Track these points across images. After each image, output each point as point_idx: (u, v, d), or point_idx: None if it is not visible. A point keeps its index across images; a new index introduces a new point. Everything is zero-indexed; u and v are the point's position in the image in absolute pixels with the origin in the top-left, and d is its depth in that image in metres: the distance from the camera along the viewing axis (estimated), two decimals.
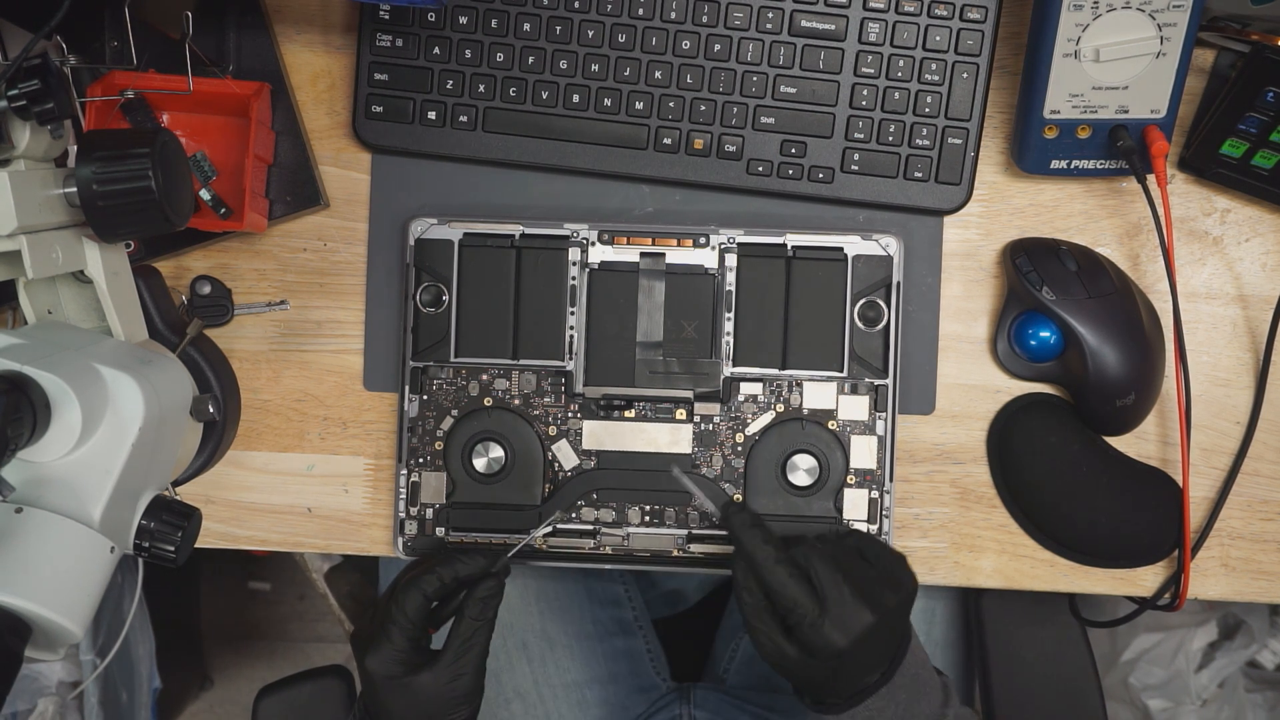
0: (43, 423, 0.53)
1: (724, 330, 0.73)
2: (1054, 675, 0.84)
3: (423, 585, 0.65)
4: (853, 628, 0.60)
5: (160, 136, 0.58)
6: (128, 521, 0.58)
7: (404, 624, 0.65)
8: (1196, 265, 0.75)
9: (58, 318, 0.64)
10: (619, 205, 0.75)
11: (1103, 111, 0.68)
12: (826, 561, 0.62)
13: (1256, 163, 0.71)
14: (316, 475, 0.77)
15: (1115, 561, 0.75)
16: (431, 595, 0.66)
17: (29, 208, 0.56)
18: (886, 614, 0.62)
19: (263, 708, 0.83)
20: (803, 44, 0.72)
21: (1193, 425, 0.74)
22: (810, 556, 0.62)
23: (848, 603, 0.61)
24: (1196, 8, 0.64)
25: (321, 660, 1.28)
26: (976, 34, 0.71)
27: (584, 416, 0.74)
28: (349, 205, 0.76)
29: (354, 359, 0.77)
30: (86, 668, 1.17)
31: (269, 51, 0.74)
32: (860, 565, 0.64)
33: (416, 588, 0.65)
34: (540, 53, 0.72)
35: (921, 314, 0.75)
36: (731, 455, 0.74)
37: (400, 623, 0.65)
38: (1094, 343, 0.70)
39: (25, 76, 0.55)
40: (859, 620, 0.61)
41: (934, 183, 0.73)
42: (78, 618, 0.53)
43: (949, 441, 0.76)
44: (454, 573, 0.66)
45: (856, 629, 0.60)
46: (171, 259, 0.76)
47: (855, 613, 0.61)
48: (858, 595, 0.61)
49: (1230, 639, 1.24)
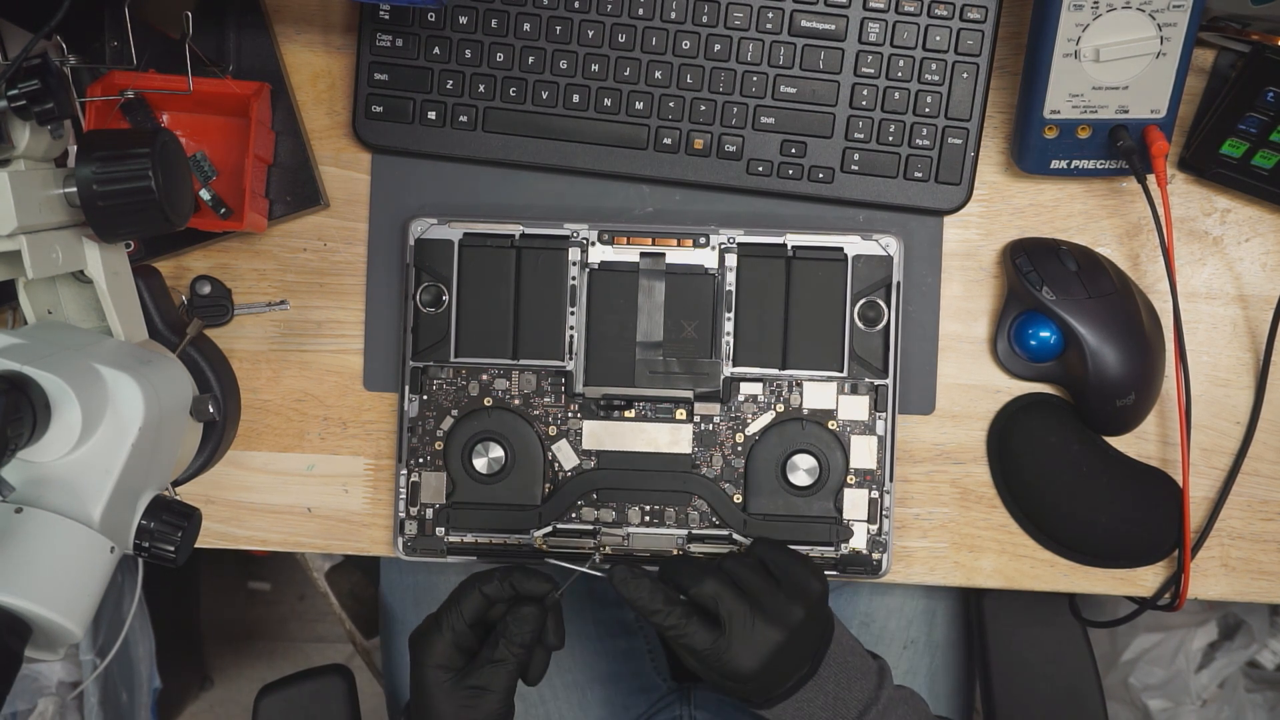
0: (43, 423, 0.53)
1: (724, 330, 0.73)
2: (1054, 675, 0.84)
3: (482, 582, 0.66)
4: (762, 649, 0.63)
5: (160, 136, 0.58)
6: (128, 521, 0.58)
7: (455, 615, 0.65)
8: (1196, 265, 0.75)
9: (58, 318, 0.64)
10: (619, 205, 0.75)
11: (1103, 111, 0.68)
12: (726, 592, 0.64)
13: (1256, 163, 0.71)
14: (316, 475, 0.77)
15: (1115, 561, 0.75)
16: (490, 595, 0.66)
17: (29, 208, 0.56)
18: (797, 627, 0.64)
19: (263, 707, 0.83)
20: (803, 44, 0.72)
21: (1193, 425, 0.74)
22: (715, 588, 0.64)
23: (754, 628, 0.63)
24: (1196, 8, 0.64)
25: (321, 660, 1.28)
26: (976, 34, 0.71)
27: (584, 416, 0.74)
28: (349, 205, 0.76)
29: (354, 359, 0.77)
30: (86, 668, 1.17)
31: (269, 51, 0.74)
32: (765, 584, 0.65)
33: (475, 584, 0.66)
34: (540, 53, 0.72)
35: (921, 314, 0.75)
36: (731, 455, 0.74)
37: (452, 612, 0.65)
38: (1094, 343, 0.70)
39: (25, 76, 0.55)
40: (768, 641, 0.63)
41: (934, 183, 0.73)
42: (78, 618, 0.52)
43: (949, 441, 0.76)
44: (513, 582, 0.66)
45: (767, 650, 0.63)
46: (171, 259, 0.76)
47: (763, 635, 0.63)
48: (764, 618, 0.63)
49: (1230, 639, 1.24)
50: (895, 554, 0.76)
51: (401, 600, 0.88)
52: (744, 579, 0.65)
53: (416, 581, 0.87)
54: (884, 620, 0.86)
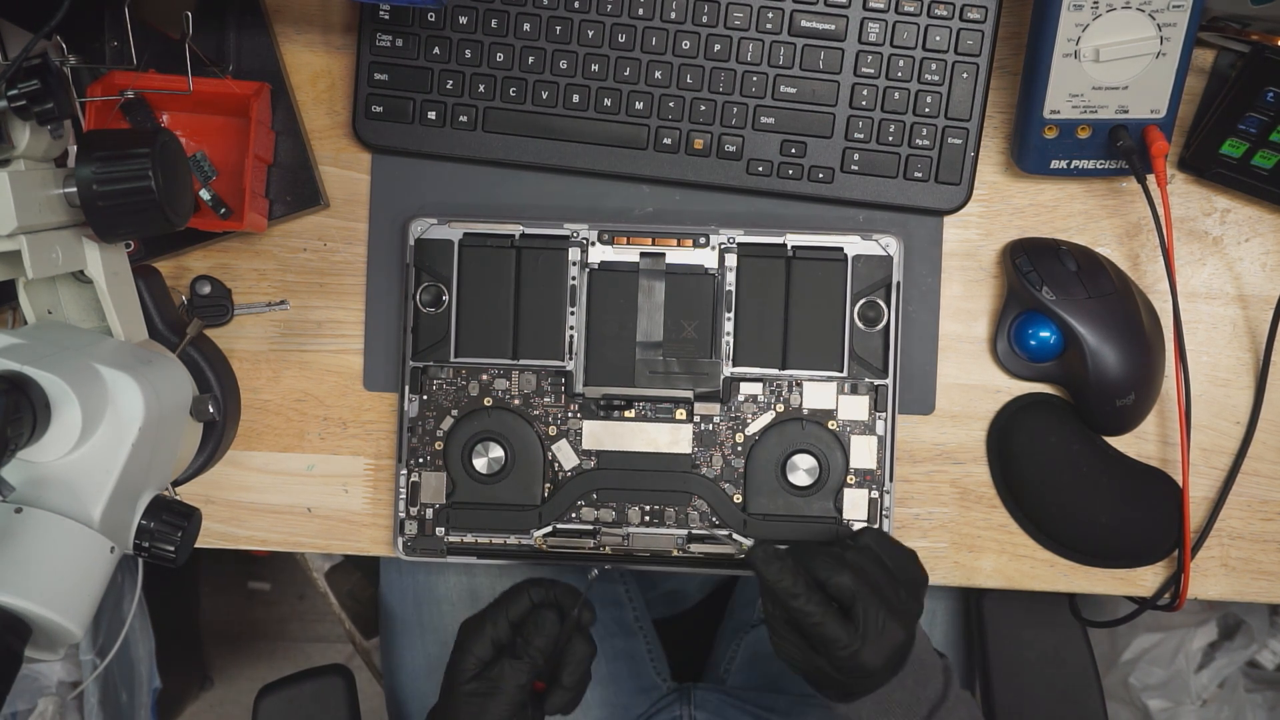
0: (43, 423, 0.53)
1: (724, 330, 0.73)
2: (1054, 675, 0.84)
3: (531, 586, 0.68)
4: (888, 647, 0.62)
5: (160, 136, 0.58)
6: (128, 521, 0.58)
7: (500, 612, 0.67)
8: (1196, 265, 0.75)
9: (58, 318, 0.64)
10: (619, 205, 0.75)
11: (1103, 111, 0.68)
12: (864, 589, 0.63)
13: (1256, 163, 0.71)
14: (316, 475, 0.77)
15: (1115, 561, 0.75)
16: (534, 600, 0.68)
17: (29, 208, 0.56)
18: (915, 624, 0.64)
19: (263, 707, 0.83)
20: (803, 44, 0.72)
21: (1193, 425, 0.74)
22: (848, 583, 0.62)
23: (885, 629, 0.62)
24: (1196, 8, 0.64)
25: (321, 660, 1.27)
26: (976, 34, 0.71)
27: (584, 416, 0.74)
28: (349, 205, 0.76)
29: (354, 359, 0.77)
30: (86, 668, 1.17)
31: (269, 51, 0.74)
32: (885, 578, 0.64)
33: (525, 587, 0.68)
34: (540, 53, 0.72)
35: (921, 314, 0.75)
36: (731, 455, 0.74)
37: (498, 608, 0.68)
38: (1094, 343, 0.70)
39: (25, 76, 0.55)
40: (894, 639, 0.62)
41: (934, 183, 0.73)
42: (78, 618, 0.53)
43: (949, 441, 0.76)
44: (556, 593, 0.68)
45: (892, 648, 0.62)
46: (171, 259, 0.76)
47: (890, 635, 0.62)
48: (892, 617, 0.62)
49: (1230, 639, 1.24)
50: None
51: (401, 600, 0.88)
52: (870, 573, 0.64)
53: (416, 581, 0.87)
54: None
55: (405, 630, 0.88)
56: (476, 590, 0.85)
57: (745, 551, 0.66)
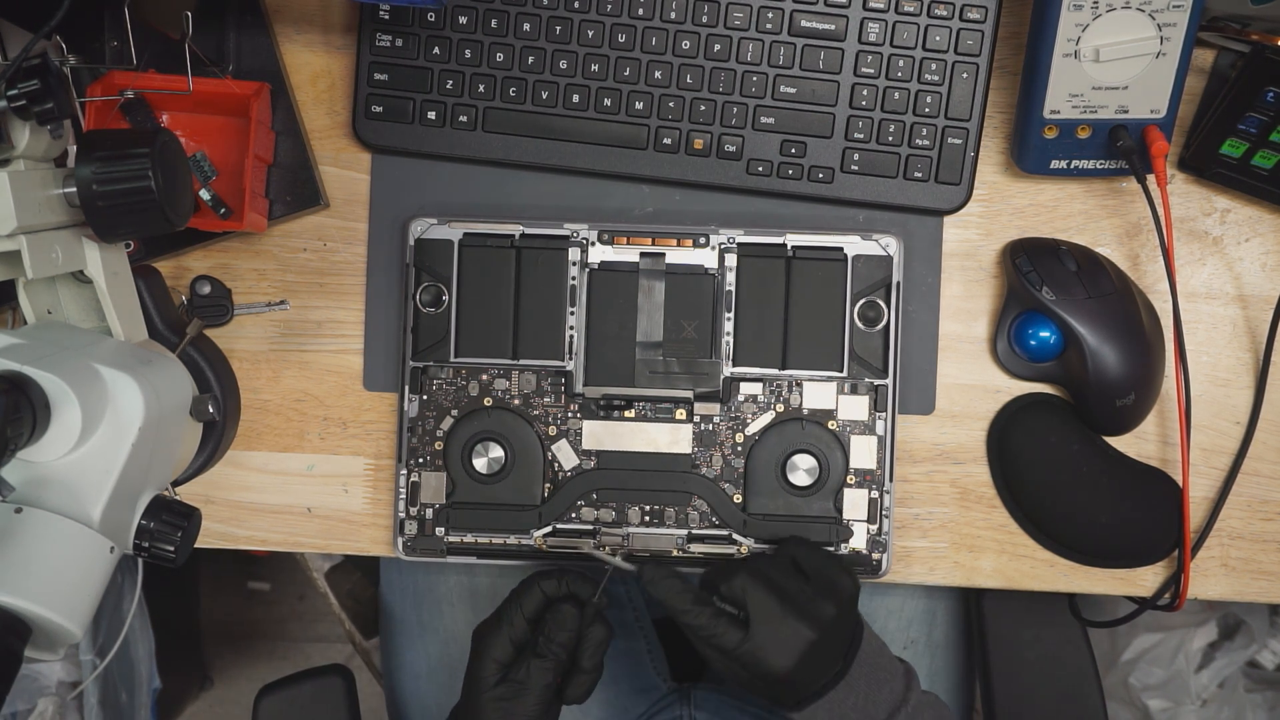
0: (43, 423, 0.53)
1: (724, 330, 0.73)
2: (1054, 675, 0.84)
3: (541, 579, 0.68)
4: (794, 647, 0.63)
5: (160, 136, 0.58)
6: (128, 521, 0.58)
7: (515, 610, 0.67)
8: (1196, 265, 0.75)
9: (58, 318, 0.64)
10: (619, 205, 0.75)
11: (1102, 111, 0.68)
12: (757, 589, 0.64)
13: (1256, 163, 0.71)
14: (316, 475, 0.77)
15: (1115, 561, 0.75)
16: (548, 593, 0.68)
17: (29, 208, 0.56)
18: (829, 624, 0.64)
19: (263, 707, 0.83)
20: (803, 44, 0.72)
21: (1193, 425, 0.74)
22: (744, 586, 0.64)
23: (783, 624, 0.63)
24: (1196, 8, 0.64)
25: (321, 660, 1.28)
26: (976, 34, 0.71)
27: (584, 416, 0.74)
28: (349, 205, 0.76)
29: (354, 359, 0.77)
30: (86, 668, 1.17)
31: (269, 51, 0.74)
32: (795, 581, 0.65)
33: (536, 581, 0.68)
34: (540, 53, 0.72)
35: (921, 314, 0.75)
36: (731, 455, 0.74)
37: (512, 607, 0.67)
38: (1094, 343, 0.70)
39: (25, 76, 0.55)
40: (800, 638, 0.63)
41: (934, 183, 0.73)
42: (78, 618, 0.52)
43: (949, 441, 0.76)
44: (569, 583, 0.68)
45: (799, 647, 0.63)
46: (171, 259, 0.76)
47: (794, 632, 0.63)
48: (794, 615, 0.63)
49: (1230, 639, 1.24)
50: (895, 554, 0.76)
51: (401, 600, 0.88)
52: (774, 576, 0.65)
53: (416, 581, 0.87)
54: (884, 620, 0.86)
55: (405, 630, 0.88)
56: (476, 590, 0.85)
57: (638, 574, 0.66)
